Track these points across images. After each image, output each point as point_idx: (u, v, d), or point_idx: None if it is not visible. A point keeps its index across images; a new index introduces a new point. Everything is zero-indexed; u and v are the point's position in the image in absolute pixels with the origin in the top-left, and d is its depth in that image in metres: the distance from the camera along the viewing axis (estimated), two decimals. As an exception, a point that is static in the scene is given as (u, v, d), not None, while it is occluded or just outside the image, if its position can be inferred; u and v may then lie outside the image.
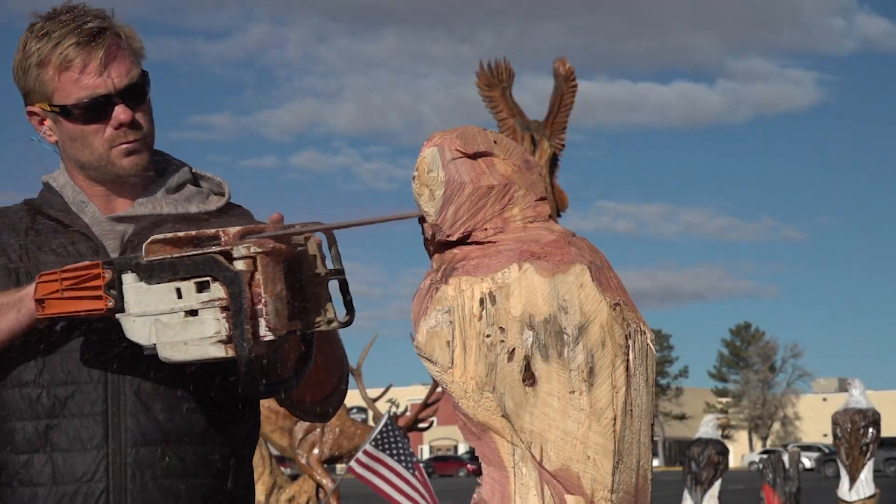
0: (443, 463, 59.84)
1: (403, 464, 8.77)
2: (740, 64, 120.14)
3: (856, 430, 11.98)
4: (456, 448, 75.71)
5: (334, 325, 1.98)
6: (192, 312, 1.87)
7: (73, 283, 1.99)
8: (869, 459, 12.00)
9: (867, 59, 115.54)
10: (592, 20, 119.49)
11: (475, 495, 1.58)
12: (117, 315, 1.95)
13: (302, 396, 2.24)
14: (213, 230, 1.87)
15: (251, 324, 1.83)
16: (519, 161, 1.62)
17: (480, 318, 1.52)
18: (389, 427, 8.91)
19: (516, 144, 1.64)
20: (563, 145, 13.72)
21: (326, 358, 2.19)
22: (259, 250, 1.83)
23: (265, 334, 1.84)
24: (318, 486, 12.08)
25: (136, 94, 2.22)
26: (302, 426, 11.92)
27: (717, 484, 11.82)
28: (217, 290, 1.84)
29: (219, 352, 1.85)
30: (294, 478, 13.39)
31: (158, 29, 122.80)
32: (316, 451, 12.05)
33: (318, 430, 12.09)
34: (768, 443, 79.15)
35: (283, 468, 13.43)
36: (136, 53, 2.26)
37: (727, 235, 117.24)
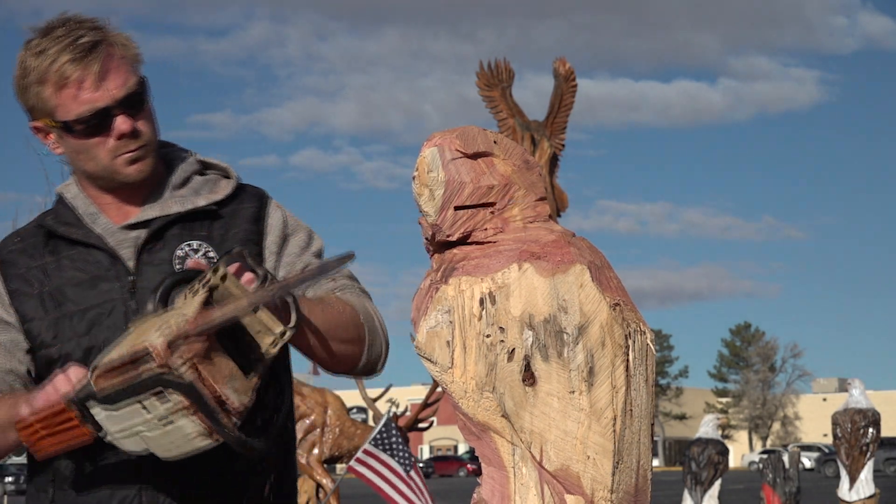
0: (443, 463, 59.79)
1: (402, 463, 8.79)
2: (742, 62, 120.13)
3: (856, 430, 11.97)
4: (456, 448, 75.71)
5: (287, 335, 2.01)
6: (167, 420, 1.94)
7: (47, 425, 2.06)
8: (869, 459, 12.00)
9: (870, 58, 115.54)
10: (594, 18, 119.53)
11: (475, 495, 1.58)
12: (104, 438, 2.03)
13: (336, 370, 2.29)
14: (142, 346, 1.89)
15: (223, 412, 1.92)
16: (519, 161, 1.62)
17: (480, 318, 1.53)
18: (389, 427, 8.92)
19: (516, 144, 1.64)
20: (563, 145, 13.71)
21: (330, 341, 2.20)
22: (193, 356, 1.88)
23: (237, 410, 1.93)
24: (318, 486, 12.08)
25: (134, 102, 2.24)
26: (301, 426, 11.92)
27: (717, 484, 11.82)
28: (176, 397, 1.90)
29: (207, 442, 1.95)
30: (294, 478, 13.39)
31: (159, 27, 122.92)
32: (316, 451, 12.06)
33: (318, 430, 12.09)
34: (768, 443, 79.16)
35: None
36: (133, 60, 2.28)
37: (728, 235, 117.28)
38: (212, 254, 2.27)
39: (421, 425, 12.47)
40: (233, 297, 1.95)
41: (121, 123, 2.22)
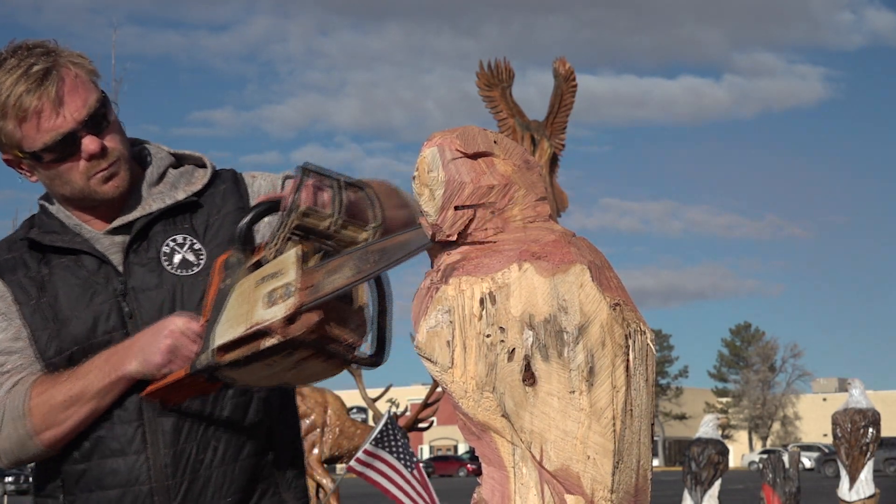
0: (443, 463, 59.83)
1: (403, 461, 8.81)
2: (747, 59, 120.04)
3: (856, 430, 11.98)
4: (456, 448, 75.75)
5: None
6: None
7: (175, 388, 2.11)
8: (869, 459, 12.00)
9: (876, 55, 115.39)
10: (598, 14, 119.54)
11: (475, 495, 1.58)
12: (233, 386, 2.12)
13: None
14: (265, 327, 1.88)
15: (349, 350, 1.96)
16: (519, 161, 1.62)
17: (480, 317, 1.53)
18: (390, 426, 8.92)
19: (516, 144, 1.64)
20: (563, 145, 13.71)
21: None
22: (312, 328, 1.88)
23: (360, 342, 1.97)
24: (318, 486, 12.08)
25: (98, 120, 2.23)
26: (301, 426, 11.92)
27: (717, 484, 11.82)
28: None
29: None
30: (294, 478, 13.36)
31: (159, 22, 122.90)
32: (316, 451, 12.06)
33: (318, 430, 12.10)
34: (768, 443, 79.22)
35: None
36: (90, 77, 2.26)
37: (731, 233, 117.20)
38: (197, 246, 2.28)
39: (421, 425, 12.47)
40: (320, 231, 1.93)
41: (88, 144, 2.21)
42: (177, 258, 2.27)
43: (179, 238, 2.29)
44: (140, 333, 2.17)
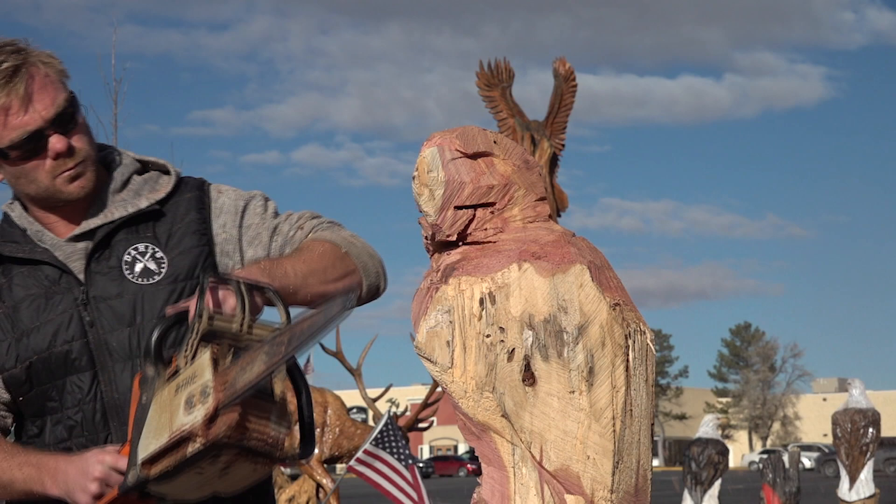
0: (443, 463, 59.77)
1: (403, 462, 8.83)
2: (748, 58, 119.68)
3: (856, 430, 11.99)
4: (456, 448, 75.72)
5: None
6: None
7: None
8: (869, 459, 12.01)
9: (877, 54, 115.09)
10: (598, 13, 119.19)
11: (475, 495, 1.58)
12: (167, 499, 2.07)
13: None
14: (180, 433, 1.89)
15: (275, 447, 1.95)
16: (519, 161, 1.62)
17: (480, 318, 1.53)
18: (389, 427, 8.93)
19: (516, 144, 1.64)
20: (563, 145, 13.70)
21: (324, 288, 2.21)
22: (233, 426, 1.88)
23: (285, 437, 1.96)
24: (318, 486, 12.08)
25: (65, 119, 2.22)
26: (302, 426, 11.91)
27: (717, 484, 11.83)
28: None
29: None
30: (294, 478, 13.42)
31: (159, 21, 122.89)
32: (316, 451, 12.06)
33: (318, 430, 12.09)
34: (768, 443, 79.21)
35: (282, 468, 13.45)
36: (59, 77, 2.25)
37: (732, 233, 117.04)
38: (159, 254, 2.27)
39: (421, 425, 12.48)
40: (230, 334, 1.94)
41: (55, 143, 2.20)
42: (138, 267, 2.27)
43: (141, 247, 2.29)
44: (71, 463, 2.14)
